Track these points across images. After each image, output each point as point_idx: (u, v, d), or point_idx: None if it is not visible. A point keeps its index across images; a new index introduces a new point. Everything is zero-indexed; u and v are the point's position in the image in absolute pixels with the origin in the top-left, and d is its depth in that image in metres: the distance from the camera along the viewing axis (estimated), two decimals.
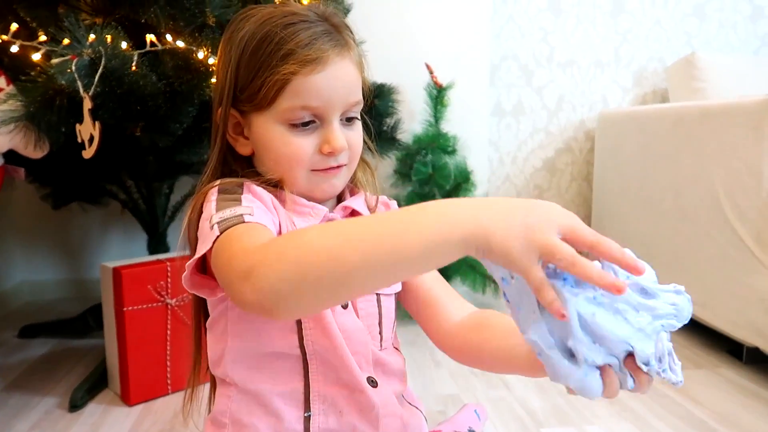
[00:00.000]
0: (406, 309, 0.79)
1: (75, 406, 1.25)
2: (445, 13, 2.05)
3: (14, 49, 1.06)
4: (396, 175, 1.92)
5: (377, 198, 0.77)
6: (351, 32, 0.71)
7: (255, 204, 0.63)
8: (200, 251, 0.60)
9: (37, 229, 2.01)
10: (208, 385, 0.77)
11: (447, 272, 1.83)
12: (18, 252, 2.01)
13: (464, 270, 1.79)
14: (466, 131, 2.04)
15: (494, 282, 1.84)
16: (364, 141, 0.75)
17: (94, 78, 0.96)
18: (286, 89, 0.65)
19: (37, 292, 2.04)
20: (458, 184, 1.84)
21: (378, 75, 1.76)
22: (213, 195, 0.64)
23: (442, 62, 2.02)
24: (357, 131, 0.71)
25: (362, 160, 0.77)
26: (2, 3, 1.12)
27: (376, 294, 0.72)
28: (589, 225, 2.30)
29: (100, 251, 2.07)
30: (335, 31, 0.68)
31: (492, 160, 2.37)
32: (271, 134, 0.67)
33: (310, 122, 0.66)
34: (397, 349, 0.78)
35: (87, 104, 0.95)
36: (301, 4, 0.72)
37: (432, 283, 0.77)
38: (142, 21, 1.07)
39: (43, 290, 2.04)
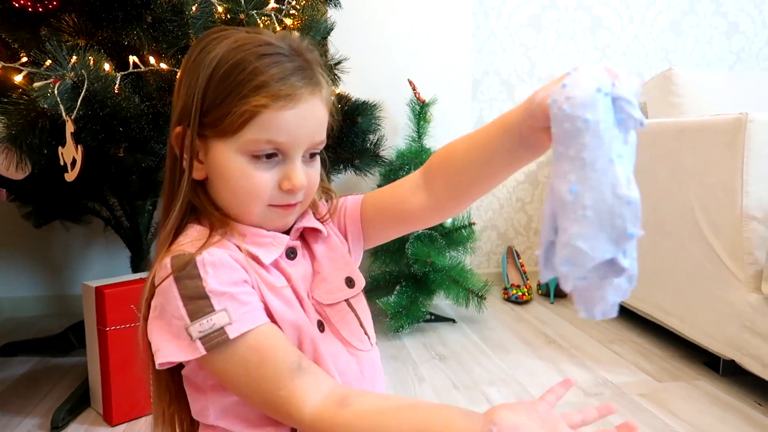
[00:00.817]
0: (384, 234, 0.78)
1: (56, 427, 1.24)
2: (428, 30, 2.08)
3: None
4: None
5: (329, 204, 0.77)
6: (323, 69, 0.69)
7: (226, 293, 0.61)
8: (177, 356, 0.61)
9: (18, 245, 2.00)
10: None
11: (430, 287, 1.85)
12: None
13: (448, 285, 1.81)
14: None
15: (477, 296, 1.86)
16: (325, 172, 0.75)
17: (77, 101, 0.96)
18: (254, 121, 0.62)
19: (17, 308, 2.02)
20: None
21: (361, 91, 1.79)
22: (172, 287, 0.61)
23: (425, 78, 2.05)
24: (316, 168, 0.70)
25: (325, 188, 0.77)
26: None
27: (345, 300, 0.73)
28: None
29: (82, 268, 2.06)
30: (308, 67, 0.66)
31: None
32: (231, 164, 0.64)
33: (272, 155, 0.64)
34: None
35: (69, 127, 0.96)
36: (274, 32, 0.70)
37: (374, 207, 0.76)
38: (125, 43, 1.07)
39: (23, 306, 2.03)
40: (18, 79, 1.05)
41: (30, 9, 1.06)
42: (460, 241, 1.90)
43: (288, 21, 1.33)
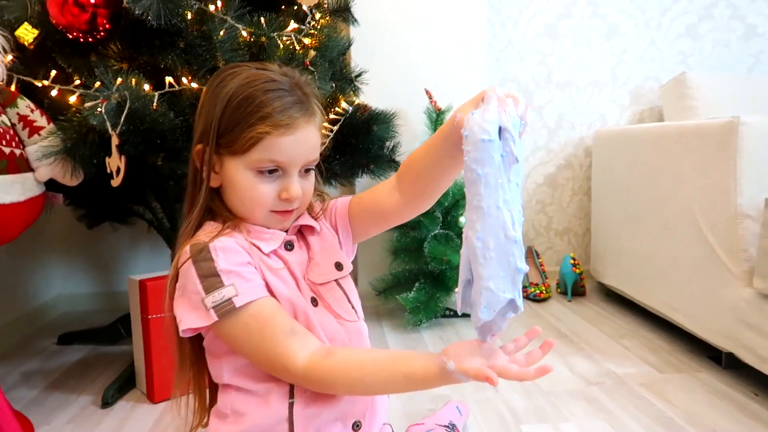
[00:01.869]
0: (369, 229, 0.93)
1: (106, 403, 1.41)
2: (445, 41, 2.19)
3: (54, 93, 1.23)
4: None
5: (322, 204, 0.94)
6: (317, 100, 0.86)
7: (233, 271, 0.77)
8: (195, 322, 0.77)
9: (73, 247, 2.20)
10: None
11: (448, 284, 1.96)
12: (55, 268, 2.21)
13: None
14: None
15: None
16: (319, 180, 0.92)
17: (120, 118, 1.12)
18: (259, 144, 0.79)
19: (72, 303, 2.23)
20: (456, 201, 1.97)
21: (381, 101, 1.92)
22: (191, 268, 0.77)
23: (443, 87, 2.16)
24: (310, 181, 0.86)
25: (319, 192, 0.94)
26: (43, 52, 1.30)
27: (334, 280, 0.88)
28: (589, 239, 2.41)
29: (128, 266, 2.26)
30: (305, 100, 0.82)
31: None
32: (240, 177, 0.81)
33: (274, 171, 0.81)
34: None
35: (114, 141, 1.12)
36: (280, 68, 0.86)
37: (359, 207, 0.91)
38: (161, 66, 1.23)
39: (78, 302, 2.23)
40: (72, 99, 1.22)
41: (82, 40, 1.23)
42: None
43: (307, 41, 1.47)
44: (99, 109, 1.10)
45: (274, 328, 0.77)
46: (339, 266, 0.89)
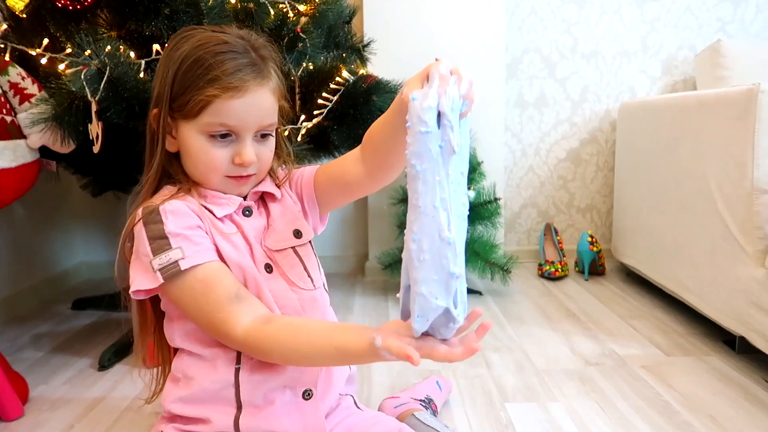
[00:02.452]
0: (334, 199, 0.91)
1: (103, 366, 1.45)
2: (461, 8, 2.12)
3: (44, 61, 1.25)
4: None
5: (283, 172, 0.92)
6: (276, 64, 0.84)
7: (181, 234, 0.76)
8: (144, 284, 0.77)
9: (96, 215, 2.27)
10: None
11: None
12: (78, 236, 2.28)
13: (468, 257, 1.87)
14: (481, 122, 2.11)
15: (501, 269, 1.91)
16: (286, 146, 0.91)
17: (101, 84, 1.13)
18: (209, 108, 0.77)
19: (94, 271, 2.30)
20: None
21: (390, 71, 1.87)
22: (142, 230, 0.77)
23: (457, 57, 2.09)
24: (268, 146, 0.84)
25: (284, 158, 0.92)
26: (39, 21, 1.31)
27: (291, 247, 0.86)
28: (611, 216, 2.31)
29: None
30: (261, 62, 0.80)
31: (514, 151, 2.41)
32: (193, 141, 0.80)
33: (227, 135, 0.79)
34: (326, 289, 0.92)
35: (93, 107, 1.13)
36: (239, 30, 0.84)
37: (325, 176, 0.89)
38: (146, 33, 1.23)
39: (99, 270, 2.30)
40: (61, 67, 1.24)
41: (70, 7, 1.24)
42: (486, 216, 1.95)
43: (302, 7, 1.44)
44: (78, 76, 1.10)
45: (218, 293, 0.76)
46: (298, 234, 0.88)
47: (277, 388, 0.82)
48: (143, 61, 1.23)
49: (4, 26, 1.27)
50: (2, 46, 1.29)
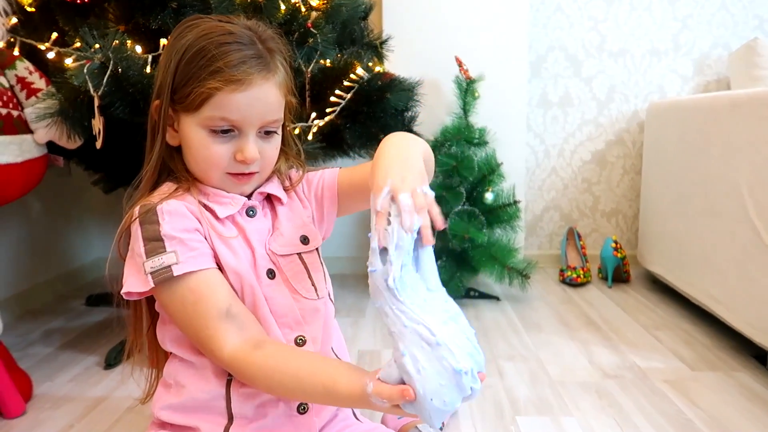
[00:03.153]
0: (356, 204, 0.87)
1: (109, 364, 1.43)
2: (483, 3, 2.06)
3: (51, 55, 1.24)
4: None
5: (296, 175, 0.87)
6: (284, 57, 0.79)
7: (176, 237, 0.72)
8: (135, 287, 0.73)
9: (111, 211, 2.27)
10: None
11: (472, 263, 1.86)
12: (94, 232, 2.29)
13: (486, 261, 1.82)
14: (501, 122, 2.05)
15: (520, 274, 1.84)
16: (295, 145, 0.87)
17: (104, 79, 1.11)
18: (210, 101, 0.73)
19: (113, 266, 2.30)
20: (483, 176, 1.86)
21: (408, 69, 1.83)
22: (138, 229, 0.73)
23: (477, 55, 2.04)
24: (272, 144, 0.79)
25: (293, 157, 0.88)
26: (48, 15, 1.30)
27: (297, 253, 0.81)
28: (638, 221, 2.23)
29: None
30: (265, 55, 0.76)
31: (537, 152, 2.34)
32: (193, 135, 0.76)
33: (229, 130, 0.75)
34: (332, 300, 0.87)
35: (96, 102, 1.11)
36: (247, 20, 0.80)
37: (349, 180, 0.85)
38: (152, 27, 1.21)
39: (117, 266, 2.30)
40: (68, 61, 1.22)
41: (78, 1, 1.22)
42: (505, 219, 1.89)
43: (314, 2, 1.41)
44: (81, 70, 1.08)
45: (209, 307, 0.72)
46: (305, 240, 0.83)
47: (270, 401, 0.78)
48: (149, 56, 1.21)
49: (14, 20, 1.26)
50: (12, 40, 1.28)
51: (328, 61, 1.49)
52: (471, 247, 1.81)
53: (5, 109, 1.20)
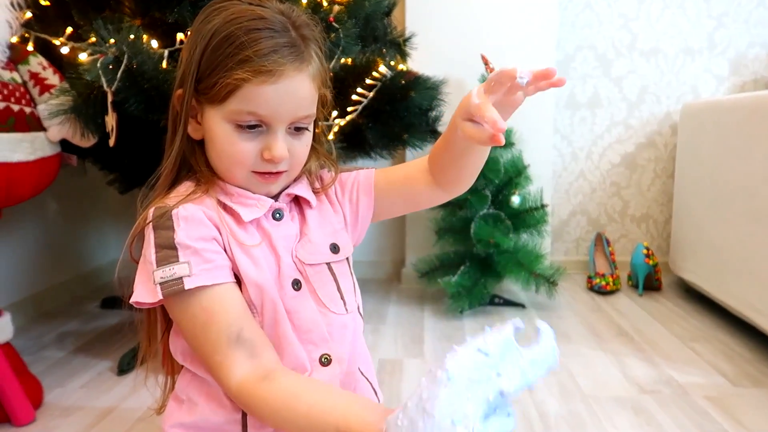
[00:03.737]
0: (393, 207, 0.82)
1: (122, 370, 1.39)
2: (509, 1, 1.99)
3: (65, 50, 1.20)
4: None
5: (328, 176, 0.80)
6: (319, 46, 0.72)
7: (191, 247, 0.66)
8: (142, 297, 0.67)
9: (129, 213, 2.24)
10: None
11: (496, 269, 1.79)
12: (112, 233, 2.26)
13: (512, 267, 1.74)
14: (528, 123, 1.98)
15: (547, 281, 1.77)
16: (327, 142, 0.78)
17: (117, 74, 1.06)
18: (237, 93, 0.66)
19: (127, 269, 2.26)
20: (509, 179, 1.79)
21: (432, 67, 1.77)
22: (150, 234, 0.67)
23: (504, 53, 1.97)
24: (303, 141, 0.71)
25: (324, 156, 0.80)
26: (63, 10, 1.27)
27: (326, 263, 0.74)
28: (669, 227, 2.14)
29: None
30: (301, 43, 0.68)
31: (564, 155, 2.26)
32: (218, 130, 0.69)
33: (256, 126, 0.68)
34: (361, 315, 0.80)
35: (109, 97, 1.06)
36: (280, 4, 0.72)
37: (387, 182, 0.80)
38: (168, 21, 1.16)
39: (133, 268, 2.26)
40: (82, 57, 1.18)
41: None
42: (532, 224, 1.82)
43: None
44: (94, 65, 1.04)
45: (219, 329, 0.65)
46: (335, 249, 0.76)
47: None
48: (165, 51, 1.16)
49: (28, 14, 1.22)
50: (26, 35, 1.25)
51: (348, 59, 1.44)
52: (496, 252, 1.74)
53: (17, 105, 1.16)
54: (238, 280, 0.69)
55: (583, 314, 1.82)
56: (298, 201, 0.77)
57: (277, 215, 0.74)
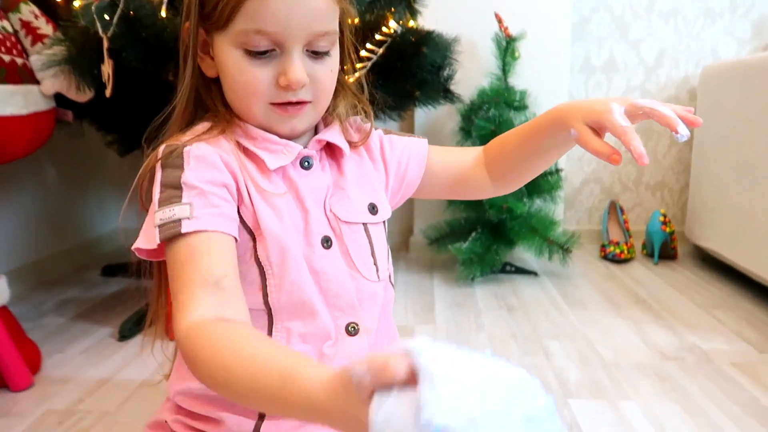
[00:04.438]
0: (440, 189, 0.78)
1: (124, 336, 1.34)
2: None
3: None
4: (460, 132, 1.84)
5: (365, 127, 0.72)
6: None
7: (198, 188, 0.58)
8: (142, 243, 0.60)
9: (131, 180, 2.18)
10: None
11: (509, 236, 1.74)
12: (113, 201, 2.20)
13: (525, 233, 1.69)
14: (541, 86, 1.90)
15: (561, 248, 1.71)
16: (359, 82, 0.72)
17: (113, 20, 0.99)
18: (241, 10, 0.58)
19: (129, 237, 2.21)
20: None
21: (442, 25, 1.69)
22: (158, 172, 0.61)
23: (517, 11, 1.89)
24: (325, 65, 0.63)
25: (350, 91, 0.72)
26: None
27: (363, 223, 0.67)
28: (687, 196, 2.07)
29: None
30: None
31: None
32: (228, 58, 0.61)
33: (268, 50, 0.60)
34: (392, 284, 0.73)
35: (105, 44, 1.00)
36: None
37: (439, 159, 0.76)
38: None
39: (134, 237, 2.21)
40: (76, 4, 1.11)
41: None
42: (546, 189, 1.76)
43: None
44: (89, 9, 0.97)
45: (197, 269, 0.55)
46: (373, 209, 0.69)
47: None
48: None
49: None
50: None
51: (356, 18, 1.37)
52: (509, 218, 1.68)
53: (9, 55, 1.09)
54: (254, 238, 0.61)
55: (597, 282, 1.76)
56: (331, 150, 0.69)
57: (306, 164, 0.65)
